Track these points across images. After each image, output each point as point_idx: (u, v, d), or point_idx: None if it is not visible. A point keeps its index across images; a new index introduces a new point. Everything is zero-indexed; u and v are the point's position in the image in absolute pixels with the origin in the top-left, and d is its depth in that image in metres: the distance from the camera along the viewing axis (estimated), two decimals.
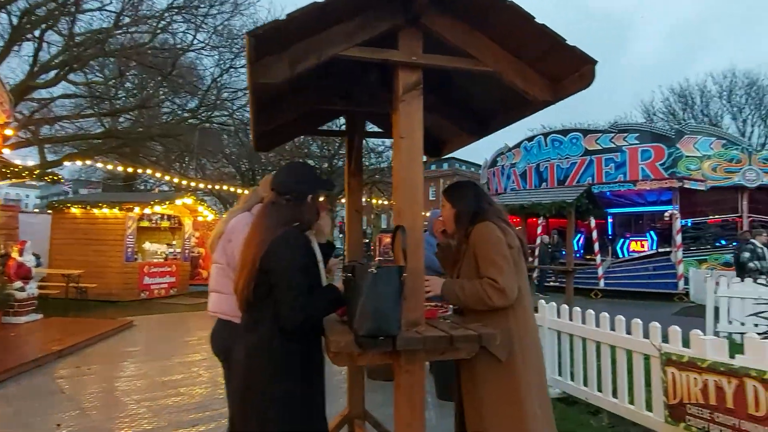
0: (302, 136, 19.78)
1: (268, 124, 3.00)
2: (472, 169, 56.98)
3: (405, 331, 1.94)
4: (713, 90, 32.36)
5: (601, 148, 17.42)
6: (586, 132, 17.91)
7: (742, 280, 7.87)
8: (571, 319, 4.47)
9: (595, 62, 2.09)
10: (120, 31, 16.42)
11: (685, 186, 15.25)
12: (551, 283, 16.61)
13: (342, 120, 4.21)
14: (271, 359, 1.93)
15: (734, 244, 15.65)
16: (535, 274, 14.97)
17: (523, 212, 8.87)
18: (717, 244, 16.02)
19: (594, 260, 16.29)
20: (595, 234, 16.29)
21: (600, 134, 17.58)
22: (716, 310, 7.67)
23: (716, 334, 7.47)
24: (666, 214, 14.93)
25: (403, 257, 1.98)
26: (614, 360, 4.00)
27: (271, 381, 1.92)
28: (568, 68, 2.17)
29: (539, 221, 17.25)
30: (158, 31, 17.09)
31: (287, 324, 1.88)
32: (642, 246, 18.56)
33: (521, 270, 2.31)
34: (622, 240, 19.65)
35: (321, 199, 2.26)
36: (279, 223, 2.01)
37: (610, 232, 21.43)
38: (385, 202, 28.60)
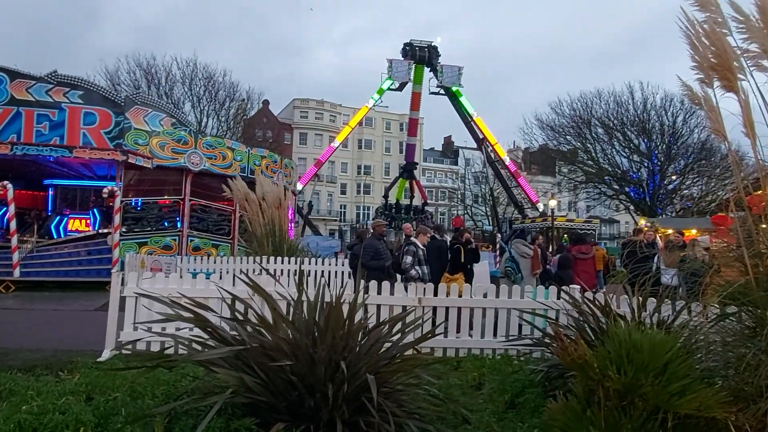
0: None
1: None
2: None
3: None
4: (177, 75, 33.21)
5: (34, 99, 13.71)
6: (15, 74, 13.70)
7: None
8: None
9: None
10: None
11: (130, 161, 13.70)
12: None
13: None
14: None
15: (178, 225, 15.45)
16: None
17: None
18: (162, 225, 15.35)
19: (11, 242, 12.51)
20: (12, 208, 12.51)
21: (34, 82, 13.81)
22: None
23: (118, 344, 5.90)
24: (105, 190, 12.90)
25: None
26: None
27: None
28: None
29: None
30: None
31: None
32: (87, 226, 16.04)
33: None
34: (59, 218, 16.45)
35: None
36: None
37: (49, 208, 17.81)
38: None
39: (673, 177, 35.18)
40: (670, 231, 15.11)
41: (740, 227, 3.09)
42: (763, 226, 3.14)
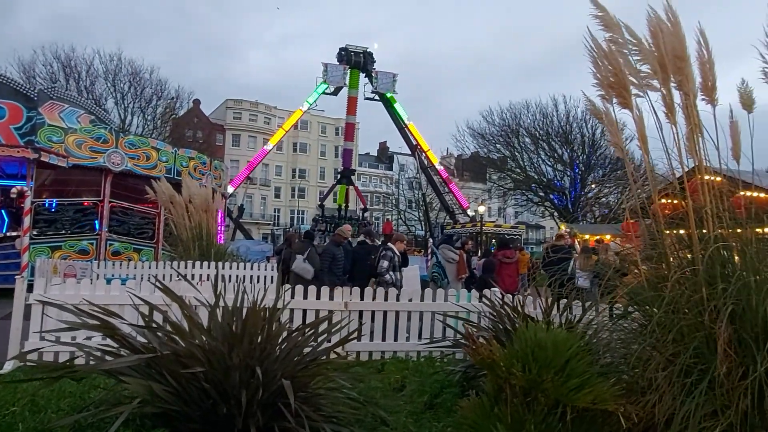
0: None
1: None
2: None
3: None
4: (100, 69, 31.45)
5: None
6: None
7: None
8: None
9: None
10: None
11: (43, 159, 12.81)
12: None
13: None
14: None
15: (96, 228, 14.54)
16: None
17: None
18: (78, 228, 14.42)
19: None
20: None
21: None
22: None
23: (22, 355, 5.50)
24: (13, 190, 11.97)
25: None
26: None
27: None
28: None
29: None
30: None
31: None
32: None
33: None
34: None
35: None
36: None
37: None
38: None
39: (593, 185, 37.46)
40: (587, 236, 16.03)
41: (635, 234, 3.35)
42: (667, 231, 3.40)
